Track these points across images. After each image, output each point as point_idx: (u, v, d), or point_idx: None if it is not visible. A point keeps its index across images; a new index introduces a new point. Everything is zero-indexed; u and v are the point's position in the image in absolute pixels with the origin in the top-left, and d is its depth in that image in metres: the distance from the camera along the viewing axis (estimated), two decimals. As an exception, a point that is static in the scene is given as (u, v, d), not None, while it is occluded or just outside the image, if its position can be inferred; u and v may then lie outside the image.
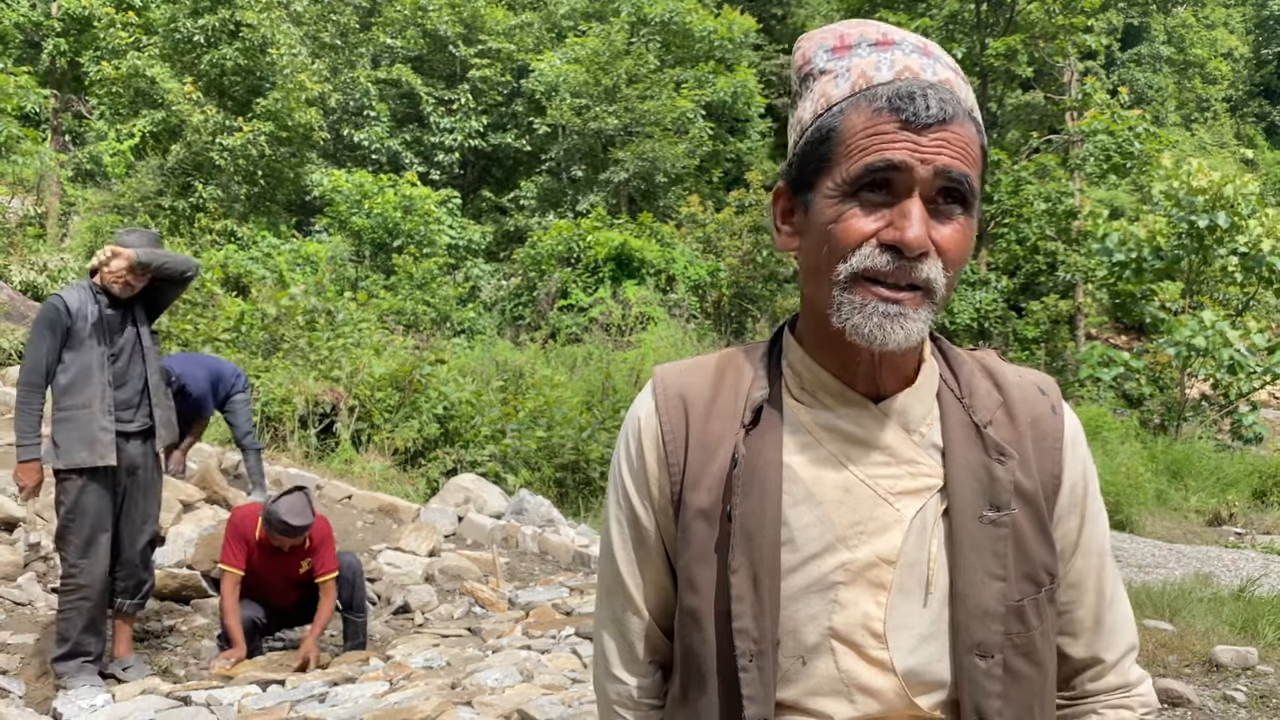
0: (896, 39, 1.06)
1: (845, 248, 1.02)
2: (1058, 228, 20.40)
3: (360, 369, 10.74)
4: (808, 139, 1.06)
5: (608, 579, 1.22)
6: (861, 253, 1.01)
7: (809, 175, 1.06)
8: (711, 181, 23.57)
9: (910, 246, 0.99)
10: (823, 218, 1.04)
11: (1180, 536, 10.83)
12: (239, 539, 4.99)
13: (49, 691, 4.51)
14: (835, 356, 1.10)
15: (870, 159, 1.00)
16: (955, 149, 1.01)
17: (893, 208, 1.01)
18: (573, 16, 24.94)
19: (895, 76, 1.02)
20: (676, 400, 1.16)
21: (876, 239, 1.01)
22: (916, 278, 1.01)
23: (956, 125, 1.01)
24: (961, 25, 20.54)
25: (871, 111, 1.01)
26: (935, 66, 1.05)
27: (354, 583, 5.21)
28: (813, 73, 1.08)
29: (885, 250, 1.01)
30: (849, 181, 1.02)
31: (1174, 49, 37.92)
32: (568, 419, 10.85)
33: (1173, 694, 4.57)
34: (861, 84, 1.03)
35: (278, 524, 4.86)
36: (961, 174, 1.01)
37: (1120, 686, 1.19)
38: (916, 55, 1.05)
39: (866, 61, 1.04)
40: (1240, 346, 15.36)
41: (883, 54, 1.04)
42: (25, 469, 4.39)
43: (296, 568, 5.11)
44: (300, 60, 17.95)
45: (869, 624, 1.07)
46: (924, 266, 1.01)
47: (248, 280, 14.24)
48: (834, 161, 1.03)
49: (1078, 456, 1.16)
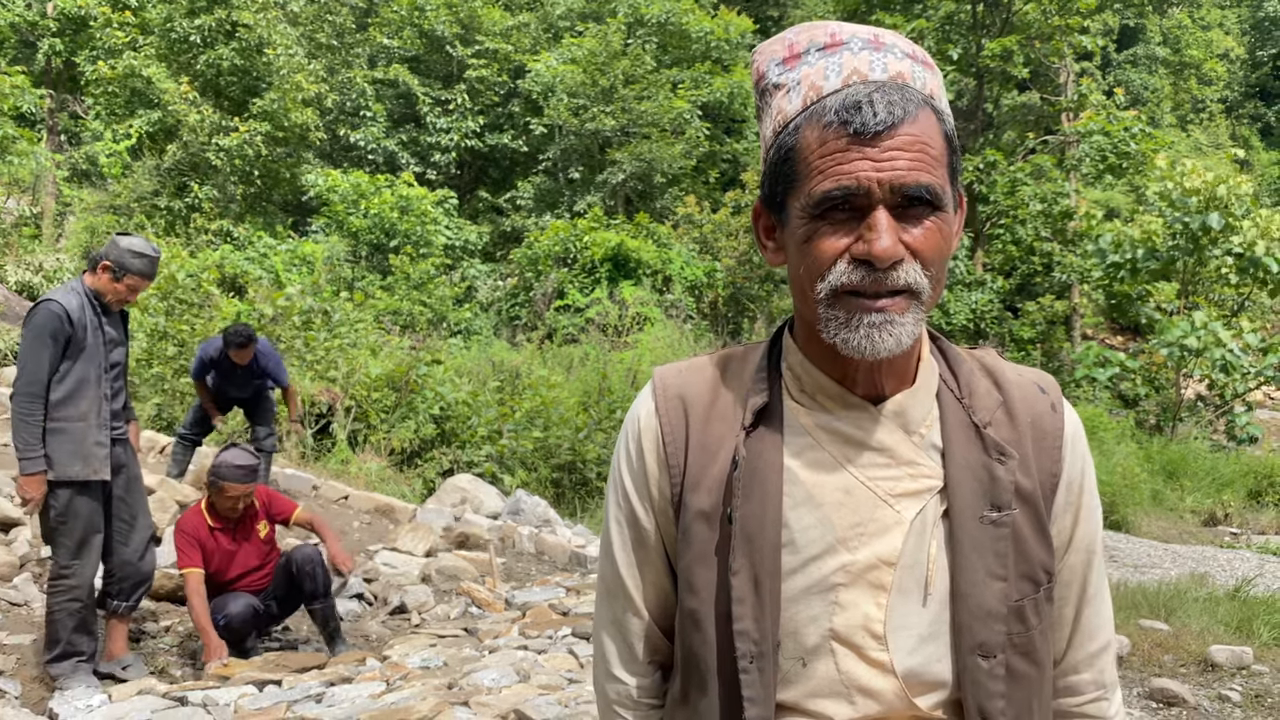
0: (845, 38, 1.05)
1: (821, 266, 1.03)
2: (1053, 228, 20.42)
3: (357, 369, 10.74)
4: (771, 159, 1.07)
5: (608, 580, 1.23)
6: (837, 270, 1.02)
7: (779, 194, 1.07)
8: (708, 182, 23.59)
9: (880, 259, 0.99)
10: (796, 238, 1.05)
11: (1176, 537, 10.85)
12: (189, 541, 4.97)
13: (45, 692, 4.50)
14: (833, 364, 1.10)
15: (826, 186, 1.00)
16: (910, 155, 0.99)
17: (860, 221, 1.01)
18: (569, 17, 24.94)
19: (843, 83, 1.02)
20: (676, 402, 1.16)
21: (849, 254, 1.01)
22: (895, 285, 1.01)
23: (908, 125, 1.00)
24: (957, 26, 20.55)
25: (822, 127, 1.01)
26: (885, 60, 1.03)
27: (313, 573, 5.15)
28: (767, 88, 1.08)
29: (858, 265, 1.01)
30: (812, 205, 1.02)
31: (1170, 50, 37.99)
32: (564, 419, 10.85)
33: (1168, 693, 4.58)
34: (812, 96, 1.03)
35: (228, 471, 4.89)
36: (918, 187, 1.00)
37: (1099, 684, 1.20)
38: (866, 52, 1.03)
39: (815, 70, 1.04)
40: (1233, 347, 15.39)
41: (830, 58, 1.04)
42: (30, 481, 4.31)
43: (256, 533, 5.20)
44: (297, 60, 17.95)
45: (869, 625, 1.07)
46: (900, 273, 1.01)
47: (244, 280, 14.24)
48: (797, 182, 1.04)
49: (1076, 455, 1.16)
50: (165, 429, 9.56)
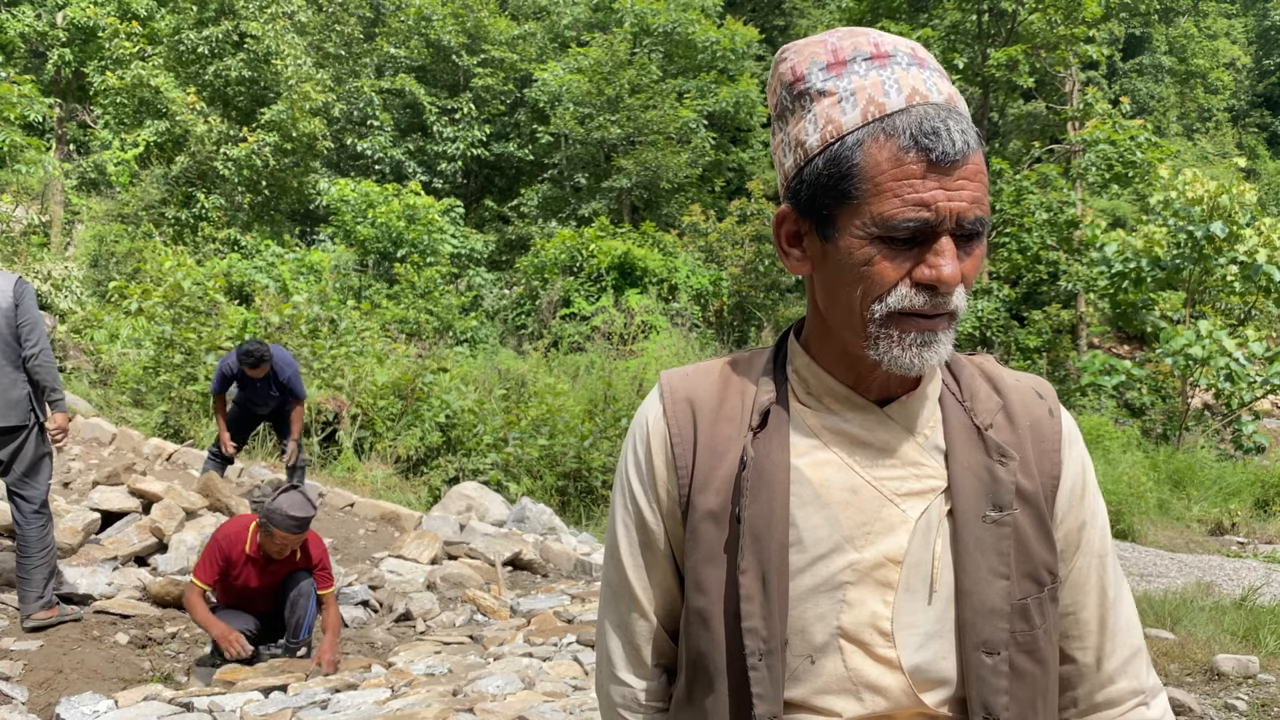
0: (889, 50, 1.06)
1: (881, 288, 1.03)
2: (1059, 237, 20.40)
3: (363, 377, 10.77)
4: (821, 170, 1.05)
5: (614, 582, 1.23)
6: (898, 293, 1.03)
7: (826, 207, 1.05)
8: (714, 191, 23.64)
9: (948, 285, 1.01)
10: (853, 258, 1.04)
11: (1182, 546, 10.82)
12: (218, 556, 4.90)
13: (52, 697, 4.52)
14: (850, 370, 1.12)
15: (906, 213, 1.00)
16: (975, 185, 1.02)
17: (922, 245, 1.02)
18: (576, 27, 25.04)
19: (906, 102, 1.02)
20: (684, 404, 1.17)
21: (910, 278, 1.03)
22: (948, 308, 1.04)
23: (974, 155, 1.02)
24: (963, 35, 20.57)
25: (896, 149, 1.01)
26: (934, 80, 1.05)
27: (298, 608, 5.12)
28: (809, 91, 1.07)
29: (921, 289, 1.02)
30: (881, 227, 1.02)
31: (1176, 59, 38.00)
32: (569, 427, 10.86)
33: (1175, 703, 4.57)
34: (874, 112, 1.02)
35: (282, 520, 4.75)
36: (978, 219, 1.02)
37: (1136, 691, 1.19)
38: (915, 69, 1.04)
39: (870, 83, 1.03)
40: (1238, 355, 15.35)
41: (883, 72, 1.04)
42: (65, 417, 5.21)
43: (281, 580, 5.11)
44: (304, 70, 18.02)
45: (877, 623, 1.08)
46: (954, 297, 1.03)
47: (251, 289, 14.29)
48: (860, 200, 1.02)
49: (1074, 456, 1.18)
50: (172, 436, 9.59)
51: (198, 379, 10.11)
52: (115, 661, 5.02)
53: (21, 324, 5.03)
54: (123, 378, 10.36)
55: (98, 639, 5.22)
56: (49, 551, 5.17)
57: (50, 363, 5.11)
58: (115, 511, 6.55)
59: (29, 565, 5.12)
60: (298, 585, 5.08)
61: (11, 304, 5.04)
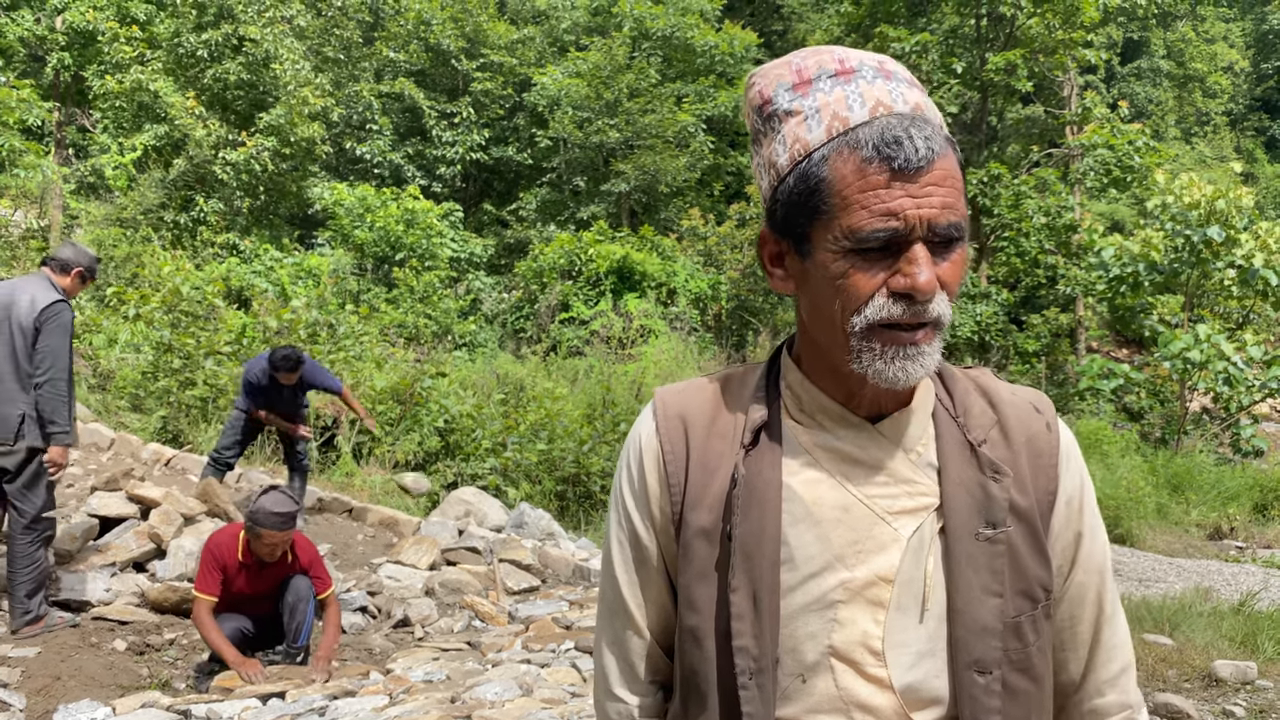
0: (854, 65, 1.06)
1: (858, 300, 1.03)
2: (1057, 241, 20.42)
3: (361, 382, 10.77)
4: (793, 188, 1.05)
5: (609, 599, 1.23)
6: (875, 304, 1.02)
7: (800, 224, 1.06)
8: (713, 195, 23.63)
9: (923, 293, 1.01)
10: (829, 272, 1.04)
11: (1180, 550, 10.81)
12: (214, 565, 4.93)
13: (50, 704, 4.51)
14: (840, 387, 1.12)
15: (874, 224, 1.00)
16: (945, 190, 1.01)
17: (896, 255, 1.02)
18: (574, 31, 25.04)
19: (870, 114, 1.02)
20: (677, 421, 1.18)
21: (887, 288, 1.02)
22: (929, 317, 1.03)
23: (941, 160, 1.02)
24: (961, 40, 20.57)
25: (860, 161, 1.01)
26: (900, 90, 1.05)
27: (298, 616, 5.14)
28: (777, 113, 1.08)
29: (898, 299, 1.02)
30: (852, 239, 1.02)
31: (1174, 63, 38.03)
32: (568, 432, 10.85)
33: (1172, 709, 4.56)
34: (838, 126, 1.03)
35: (266, 518, 4.80)
36: (951, 224, 1.02)
37: (1124, 706, 1.20)
38: (880, 81, 1.05)
39: (834, 99, 1.04)
40: (1236, 359, 15.35)
41: (847, 86, 1.04)
42: (65, 452, 5.18)
43: (276, 584, 5.12)
44: (303, 74, 18.01)
45: (868, 642, 1.08)
46: (934, 305, 1.03)
47: (250, 293, 14.28)
48: (829, 214, 1.03)
49: (1072, 471, 1.17)
50: (170, 441, 9.58)
51: (196, 384, 10.10)
52: (113, 668, 5.02)
53: (39, 348, 5.09)
54: (121, 383, 10.35)
55: (95, 645, 5.22)
56: (35, 568, 5.18)
57: (57, 395, 5.09)
58: (113, 517, 6.54)
59: (13, 578, 5.18)
60: (296, 590, 5.09)
61: (32, 325, 5.10)
